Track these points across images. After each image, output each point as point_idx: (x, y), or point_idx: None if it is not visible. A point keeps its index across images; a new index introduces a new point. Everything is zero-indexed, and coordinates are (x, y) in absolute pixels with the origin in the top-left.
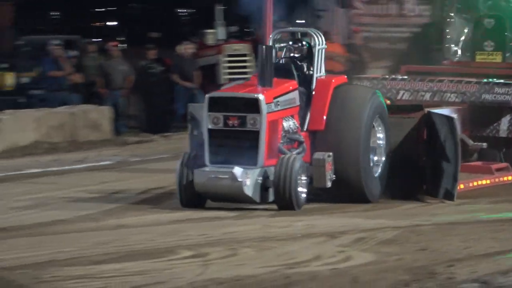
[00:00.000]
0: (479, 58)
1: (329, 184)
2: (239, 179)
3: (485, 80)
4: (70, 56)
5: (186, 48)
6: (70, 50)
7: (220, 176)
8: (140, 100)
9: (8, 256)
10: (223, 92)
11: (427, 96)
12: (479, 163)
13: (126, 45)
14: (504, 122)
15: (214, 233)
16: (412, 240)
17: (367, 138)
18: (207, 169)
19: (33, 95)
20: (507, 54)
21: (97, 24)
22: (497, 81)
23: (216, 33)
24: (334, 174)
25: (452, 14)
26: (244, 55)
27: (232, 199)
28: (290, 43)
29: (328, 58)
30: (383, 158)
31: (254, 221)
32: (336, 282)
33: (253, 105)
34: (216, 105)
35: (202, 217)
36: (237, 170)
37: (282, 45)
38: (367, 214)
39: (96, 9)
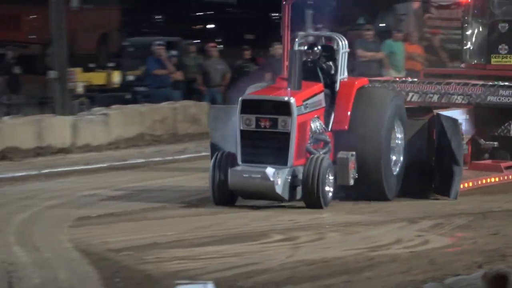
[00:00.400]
0: (494, 61)
1: (352, 182)
2: (271, 179)
3: (490, 83)
4: (171, 56)
5: (277, 49)
6: (172, 50)
7: (253, 175)
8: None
9: (114, 239)
10: (256, 95)
11: (435, 98)
12: (489, 161)
13: (223, 46)
14: None
15: (302, 218)
16: (485, 225)
17: (388, 139)
18: (240, 168)
19: (138, 92)
20: None
21: (197, 27)
22: (502, 83)
23: None
24: (357, 173)
25: (467, 18)
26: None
27: (264, 197)
28: (305, 47)
29: (409, 58)
30: (401, 158)
31: (339, 208)
32: (414, 264)
33: (285, 108)
34: (248, 107)
35: (291, 205)
36: (270, 170)
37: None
38: (443, 202)
39: (196, 13)
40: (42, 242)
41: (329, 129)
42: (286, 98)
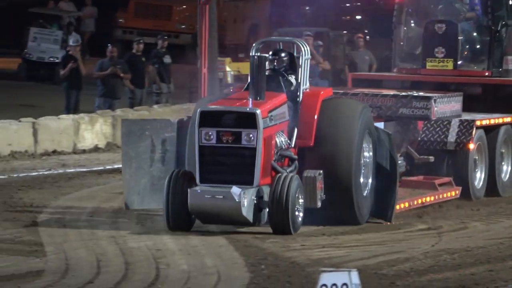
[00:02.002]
0: (430, 65)
1: (319, 204)
2: (238, 200)
3: (403, 93)
4: (318, 46)
5: None
6: (319, 41)
7: (217, 196)
8: None
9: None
10: (216, 105)
11: None
12: (421, 177)
13: (369, 37)
14: (452, 135)
15: (446, 207)
16: None
17: (359, 156)
18: (201, 188)
19: None
20: (459, 62)
21: (345, 17)
22: (416, 94)
23: None
24: (324, 194)
25: (400, 18)
26: None
27: (228, 221)
28: (270, 53)
29: None
30: (371, 176)
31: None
32: None
33: (249, 120)
34: (208, 120)
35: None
36: (236, 190)
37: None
38: None
39: (344, 4)
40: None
41: (293, 145)
42: (252, 109)
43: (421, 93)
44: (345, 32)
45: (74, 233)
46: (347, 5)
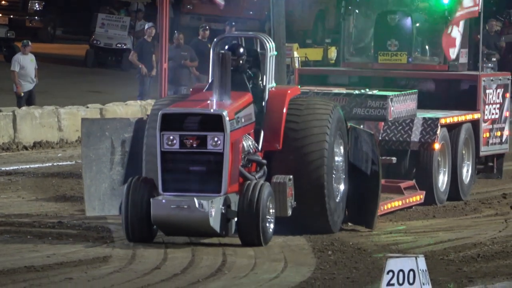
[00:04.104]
0: (381, 59)
1: (290, 213)
2: (205, 210)
3: (356, 92)
4: None
5: (493, 25)
6: None
7: (183, 206)
8: None
9: None
10: (179, 107)
11: None
12: (383, 181)
13: None
14: (416, 134)
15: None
16: None
17: (331, 158)
18: (165, 198)
19: None
20: (413, 55)
21: None
22: (371, 92)
23: None
24: (295, 201)
25: (349, 9)
26: None
27: (194, 233)
28: (227, 48)
29: None
30: (343, 181)
31: None
32: None
33: (215, 123)
34: (170, 123)
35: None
36: (202, 199)
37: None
38: None
39: None
40: None
41: (260, 149)
42: (216, 111)
43: (375, 91)
44: None
45: None
46: None
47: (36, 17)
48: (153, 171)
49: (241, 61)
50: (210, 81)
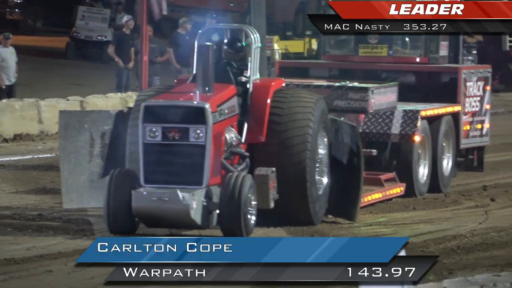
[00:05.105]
0: (362, 52)
1: (272, 205)
2: (186, 202)
3: (337, 84)
4: None
5: None
6: None
7: (164, 198)
8: None
9: None
10: (161, 100)
11: None
12: (363, 173)
13: None
14: (396, 126)
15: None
16: None
17: (314, 150)
18: (146, 190)
19: None
20: (394, 47)
21: None
22: (351, 84)
23: None
24: (277, 193)
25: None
26: None
27: (176, 224)
28: (225, 41)
29: None
30: (326, 174)
31: None
32: None
33: (198, 115)
34: (152, 115)
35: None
36: (184, 192)
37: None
38: None
39: None
40: None
41: (243, 141)
42: (199, 103)
43: (355, 84)
44: None
45: None
46: None
47: (16, 10)
48: (136, 163)
49: (225, 53)
50: (194, 72)
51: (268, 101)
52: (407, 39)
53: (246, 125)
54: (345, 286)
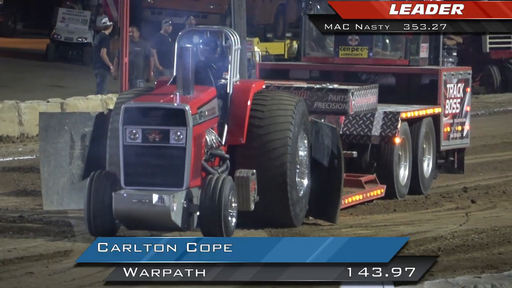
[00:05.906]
0: (342, 53)
1: (253, 207)
2: (167, 204)
3: (317, 86)
4: None
5: None
6: None
7: (144, 200)
8: None
9: None
10: (141, 101)
11: None
12: (344, 175)
13: None
14: (376, 128)
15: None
16: None
17: (295, 152)
18: (126, 192)
19: None
20: (374, 49)
21: None
22: (331, 86)
23: None
24: (258, 195)
25: (312, 3)
26: None
27: (156, 227)
28: (201, 42)
29: None
30: (306, 176)
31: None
32: None
33: (178, 117)
34: (133, 117)
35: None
36: (163, 194)
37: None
38: None
39: None
40: None
41: (223, 143)
42: (179, 105)
43: (336, 86)
44: None
45: None
46: None
47: None
48: (116, 165)
49: (205, 55)
50: (174, 74)
51: (248, 103)
52: (387, 40)
53: (226, 127)
54: (326, 286)
